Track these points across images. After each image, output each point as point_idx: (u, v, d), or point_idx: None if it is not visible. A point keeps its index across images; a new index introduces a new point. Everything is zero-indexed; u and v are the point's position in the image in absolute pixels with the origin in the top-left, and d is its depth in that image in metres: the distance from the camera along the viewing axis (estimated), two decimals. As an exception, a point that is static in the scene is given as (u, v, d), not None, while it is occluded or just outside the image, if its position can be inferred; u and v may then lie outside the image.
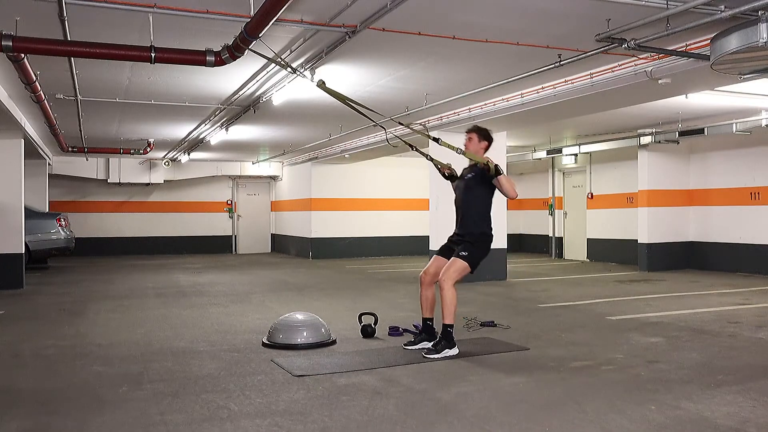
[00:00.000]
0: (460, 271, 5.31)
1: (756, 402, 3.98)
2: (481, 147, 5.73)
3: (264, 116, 10.37)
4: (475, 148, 5.69)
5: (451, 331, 5.30)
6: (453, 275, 5.28)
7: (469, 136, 5.76)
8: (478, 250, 5.44)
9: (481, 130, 5.79)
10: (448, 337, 5.29)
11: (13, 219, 10.11)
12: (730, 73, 6.06)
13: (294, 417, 3.75)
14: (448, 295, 5.25)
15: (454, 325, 5.32)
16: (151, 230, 18.90)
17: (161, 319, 7.24)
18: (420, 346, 5.51)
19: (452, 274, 5.28)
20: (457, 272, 5.30)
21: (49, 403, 4.09)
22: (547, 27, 5.83)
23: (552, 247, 16.58)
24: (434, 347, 5.29)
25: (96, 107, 9.75)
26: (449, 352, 5.25)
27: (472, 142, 5.71)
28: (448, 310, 5.25)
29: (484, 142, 5.75)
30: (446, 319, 5.28)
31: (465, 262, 5.32)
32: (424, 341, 5.55)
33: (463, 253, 5.34)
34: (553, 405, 3.96)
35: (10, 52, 5.25)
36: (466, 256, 5.33)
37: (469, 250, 5.37)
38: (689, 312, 7.51)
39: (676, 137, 11.58)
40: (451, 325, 5.29)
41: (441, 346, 5.26)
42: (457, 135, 10.67)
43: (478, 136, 5.72)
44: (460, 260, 5.31)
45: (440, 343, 5.29)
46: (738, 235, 12.09)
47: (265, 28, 4.80)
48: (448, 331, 5.29)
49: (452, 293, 5.26)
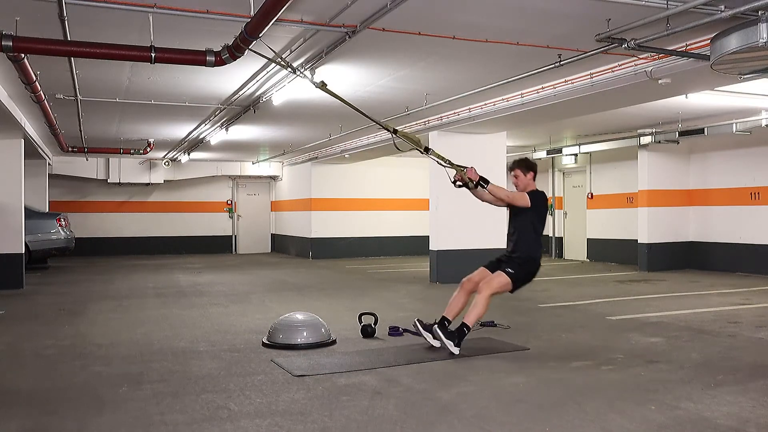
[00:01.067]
0: (502, 284, 5.45)
1: (756, 402, 3.98)
2: (530, 179, 5.73)
3: (264, 116, 10.36)
4: (525, 184, 5.72)
5: (466, 332, 5.41)
6: (494, 286, 5.42)
7: (514, 174, 5.77)
8: (524, 271, 5.53)
9: (521, 162, 5.78)
10: (462, 335, 5.39)
11: (13, 219, 10.11)
12: (730, 73, 6.06)
13: (294, 417, 3.75)
14: (482, 301, 5.37)
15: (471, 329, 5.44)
16: (151, 230, 18.90)
17: (161, 319, 7.24)
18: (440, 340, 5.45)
19: (494, 285, 5.42)
20: (499, 285, 5.43)
21: (49, 403, 4.09)
22: (547, 27, 5.82)
23: (552, 247, 16.58)
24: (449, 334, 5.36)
25: (96, 107, 9.75)
26: (452, 348, 5.31)
27: (519, 180, 5.74)
28: (475, 313, 5.37)
29: (530, 173, 5.74)
30: (469, 319, 5.40)
31: (509, 278, 5.44)
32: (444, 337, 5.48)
33: (509, 270, 5.47)
34: (553, 405, 3.96)
35: (10, 52, 5.25)
36: (512, 273, 5.46)
37: (516, 269, 5.48)
38: (689, 312, 7.51)
39: (676, 137, 11.58)
40: (470, 327, 5.41)
41: (452, 337, 5.34)
42: (457, 135, 10.75)
43: (521, 171, 5.73)
44: (504, 275, 5.45)
45: (454, 335, 5.37)
46: (738, 235, 12.09)
47: (265, 28, 4.80)
48: (464, 330, 5.40)
49: (487, 301, 5.40)
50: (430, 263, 11.03)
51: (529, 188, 5.71)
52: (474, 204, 6.08)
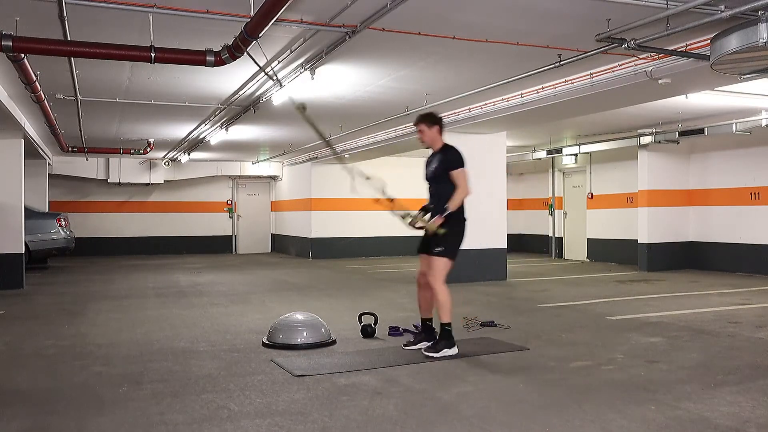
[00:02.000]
0: (442, 268, 5.26)
1: (756, 402, 3.98)
2: (435, 132, 5.47)
3: (264, 116, 10.36)
4: (432, 137, 5.48)
5: (449, 330, 5.28)
6: (438, 275, 5.24)
7: (419, 129, 5.51)
8: (453, 236, 5.27)
9: (426, 117, 5.51)
10: (447, 336, 5.27)
11: (13, 219, 10.11)
12: (730, 73, 6.06)
13: (294, 417, 3.75)
14: (439, 295, 5.23)
15: (452, 323, 5.30)
16: (151, 230, 18.90)
17: (161, 319, 7.24)
18: (419, 346, 5.51)
19: (437, 275, 5.25)
20: (440, 271, 5.25)
21: (49, 403, 4.09)
22: (547, 27, 5.82)
23: (552, 247, 16.58)
24: (433, 346, 5.28)
25: (96, 107, 9.75)
26: (448, 352, 5.23)
27: (425, 134, 5.48)
28: (443, 309, 5.24)
29: (435, 126, 5.48)
30: (443, 318, 5.26)
31: (444, 257, 5.25)
32: (423, 341, 5.54)
33: (438, 250, 5.25)
34: (553, 405, 3.96)
35: (10, 52, 5.25)
36: (442, 251, 5.24)
37: (443, 243, 5.25)
38: (689, 312, 7.51)
39: (676, 137, 11.59)
40: (449, 323, 5.27)
41: (441, 346, 5.26)
42: (457, 135, 10.70)
43: (426, 125, 5.47)
44: (437, 259, 5.25)
45: (440, 342, 5.29)
46: (738, 235, 12.09)
47: (265, 28, 4.80)
48: (446, 330, 5.27)
49: (443, 292, 5.22)
50: (430, 263, 11.01)
51: (437, 143, 5.48)
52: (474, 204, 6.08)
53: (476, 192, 10.78)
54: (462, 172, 5.33)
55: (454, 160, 5.36)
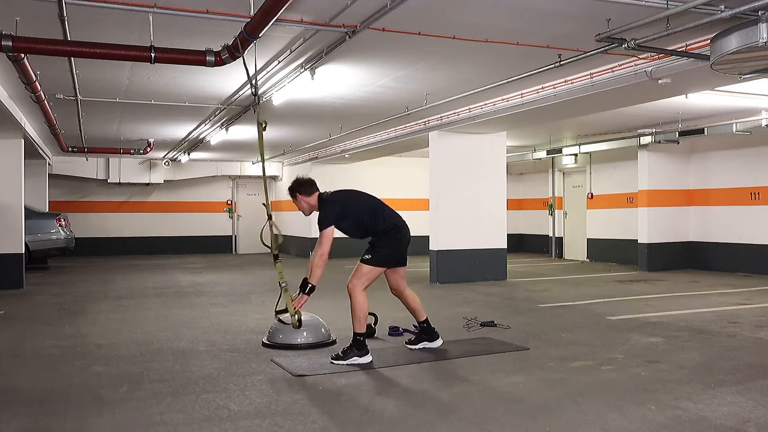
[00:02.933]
0: (364, 274, 5.20)
1: (756, 402, 3.98)
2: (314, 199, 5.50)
3: (264, 116, 10.32)
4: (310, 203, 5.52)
5: (360, 339, 5.06)
6: (358, 282, 5.18)
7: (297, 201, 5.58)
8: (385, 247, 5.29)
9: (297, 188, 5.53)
10: (358, 344, 5.05)
11: (13, 219, 10.10)
12: (730, 73, 6.06)
13: (294, 417, 3.75)
14: (353, 302, 5.15)
15: (365, 333, 5.14)
16: (151, 230, 18.89)
17: (161, 319, 7.24)
18: (420, 346, 5.53)
19: (357, 279, 5.19)
20: (362, 275, 5.19)
21: (49, 403, 4.09)
22: (547, 27, 5.82)
23: (552, 247, 16.58)
24: (342, 353, 5.05)
25: (96, 107, 9.75)
26: (358, 360, 4.99)
27: (304, 202, 5.54)
28: (355, 317, 5.12)
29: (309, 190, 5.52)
30: (355, 327, 5.10)
31: (367, 264, 5.22)
32: (424, 341, 5.56)
33: (366, 257, 5.25)
34: (553, 405, 3.96)
35: (10, 52, 5.25)
36: (369, 259, 5.24)
37: (373, 253, 5.26)
38: (689, 312, 7.51)
39: (676, 137, 11.57)
40: (361, 333, 5.08)
41: (350, 354, 5.02)
42: (457, 135, 10.75)
43: (303, 195, 5.51)
44: (362, 264, 5.23)
45: (350, 350, 5.04)
46: (738, 235, 12.09)
47: (265, 28, 4.80)
48: (357, 339, 5.06)
49: (359, 300, 5.14)
50: (430, 263, 11.03)
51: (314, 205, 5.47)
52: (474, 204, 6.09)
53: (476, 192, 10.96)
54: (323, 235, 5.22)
55: (320, 218, 5.31)
